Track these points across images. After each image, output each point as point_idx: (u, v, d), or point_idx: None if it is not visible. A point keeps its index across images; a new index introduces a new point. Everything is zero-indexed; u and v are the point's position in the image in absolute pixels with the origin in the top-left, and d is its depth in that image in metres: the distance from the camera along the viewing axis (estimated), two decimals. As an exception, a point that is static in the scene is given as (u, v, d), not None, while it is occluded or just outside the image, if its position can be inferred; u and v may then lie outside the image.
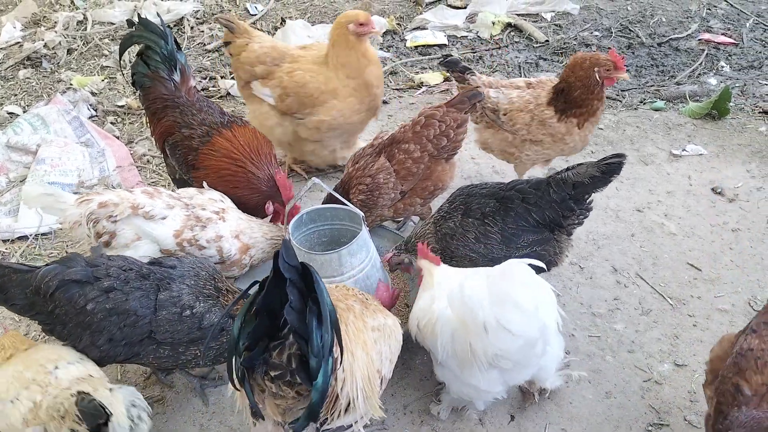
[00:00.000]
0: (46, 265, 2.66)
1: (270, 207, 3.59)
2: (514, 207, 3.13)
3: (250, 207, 3.56)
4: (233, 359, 2.10)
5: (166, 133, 3.73)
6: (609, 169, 3.01)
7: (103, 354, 2.69)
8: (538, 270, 3.14)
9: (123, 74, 3.85)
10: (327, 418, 2.32)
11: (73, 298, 2.60)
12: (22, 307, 2.66)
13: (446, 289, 2.74)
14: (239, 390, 2.17)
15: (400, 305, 3.35)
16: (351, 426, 2.45)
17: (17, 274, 2.64)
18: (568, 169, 3.11)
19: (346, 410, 2.33)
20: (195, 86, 3.94)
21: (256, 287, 2.06)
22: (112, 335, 2.64)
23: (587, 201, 3.14)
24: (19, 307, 2.67)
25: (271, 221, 3.60)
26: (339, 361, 2.20)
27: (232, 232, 3.26)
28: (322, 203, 3.53)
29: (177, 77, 3.81)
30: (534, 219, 3.12)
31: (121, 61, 3.90)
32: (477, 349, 2.53)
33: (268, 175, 3.57)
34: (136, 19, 3.85)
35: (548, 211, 3.10)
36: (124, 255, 2.98)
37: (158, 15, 3.95)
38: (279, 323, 2.06)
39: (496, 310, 2.43)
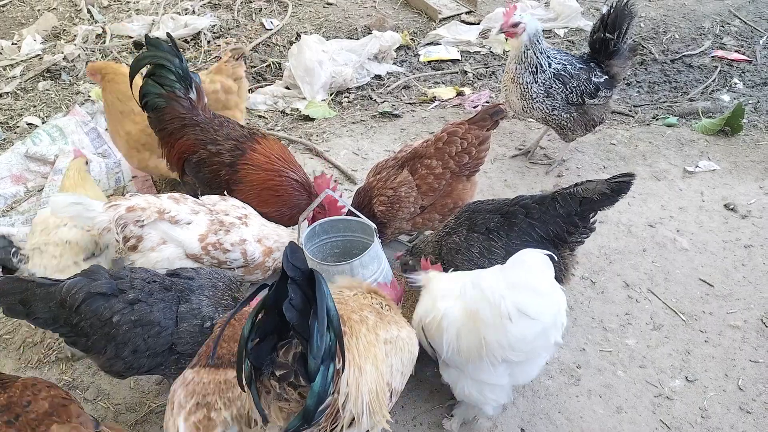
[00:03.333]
0: (70, 278, 2.66)
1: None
2: (518, 222, 3.13)
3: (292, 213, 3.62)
4: (242, 360, 2.11)
5: (187, 152, 3.74)
6: (618, 187, 3.01)
7: (127, 365, 2.70)
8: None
9: (133, 94, 3.82)
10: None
11: (99, 311, 2.60)
12: (46, 321, 2.64)
13: (448, 289, 2.78)
14: (245, 392, 2.18)
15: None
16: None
17: (40, 288, 2.62)
18: (577, 184, 3.11)
19: (350, 424, 2.32)
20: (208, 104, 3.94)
21: (265, 290, 2.09)
22: (136, 347, 2.65)
23: (591, 219, 3.14)
24: (42, 321, 2.64)
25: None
26: (341, 373, 2.18)
27: (254, 237, 3.32)
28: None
29: (193, 95, 3.81)
30: (538, 234, 3.11)
31: (132, 83, 3.77)
32: (491, 341, 2.53)
33: (304, 178, 3.69)
34: (144, 40, 3.81)
35: (552, 226, 3.10)
36: (149, 258, 3.08)
37: (168, 35, 3.93)
38: (289, 324, 2.06)
39: (515, 296, 2.46)
